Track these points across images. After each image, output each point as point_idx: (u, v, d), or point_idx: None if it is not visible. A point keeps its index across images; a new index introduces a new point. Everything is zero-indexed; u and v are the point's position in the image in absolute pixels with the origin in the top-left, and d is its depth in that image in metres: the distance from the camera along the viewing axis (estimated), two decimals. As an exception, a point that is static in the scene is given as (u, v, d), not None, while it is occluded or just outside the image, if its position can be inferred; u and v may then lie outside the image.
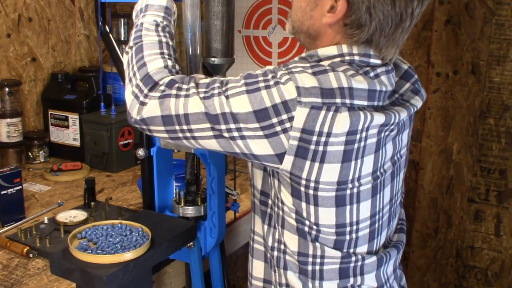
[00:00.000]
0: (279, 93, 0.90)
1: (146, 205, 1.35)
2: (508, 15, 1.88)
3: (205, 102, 0.94)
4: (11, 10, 2.00)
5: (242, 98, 0.92)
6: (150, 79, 0.99)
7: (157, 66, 1.02)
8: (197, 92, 0.95)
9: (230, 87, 0.94)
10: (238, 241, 1.66)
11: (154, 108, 0.97)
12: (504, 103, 1.94)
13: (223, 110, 0.93)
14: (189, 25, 1.19)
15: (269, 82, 0.92)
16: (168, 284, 1.36)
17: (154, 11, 1.11)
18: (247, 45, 2.42)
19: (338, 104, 0.90)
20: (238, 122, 0.92)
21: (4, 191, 1.47)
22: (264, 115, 0.90)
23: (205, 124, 0.95)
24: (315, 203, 0.97)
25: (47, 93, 2.13)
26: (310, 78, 0.90)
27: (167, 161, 1.33)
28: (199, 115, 0.94)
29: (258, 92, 0.91)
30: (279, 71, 0.93)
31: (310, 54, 1.01)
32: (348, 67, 0.94)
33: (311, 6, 0.99)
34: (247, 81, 0.93)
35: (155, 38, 1.07)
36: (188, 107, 0.95)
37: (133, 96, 1.00)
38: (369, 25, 0.93)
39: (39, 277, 1.23)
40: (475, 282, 2.09)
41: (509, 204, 1.98)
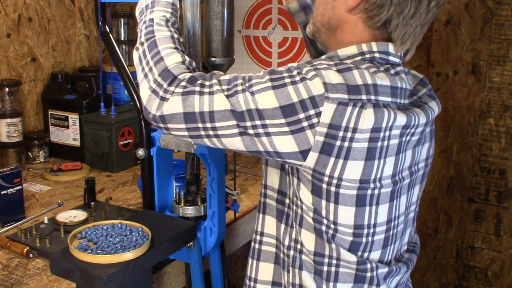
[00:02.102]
0: (306, 88, 0.90)
1: (146, 205, 1.35)
2: (508, 15, 1.88)
3: (230, 99, 0.93)
4: (11, 10, 2.00)
5: (268, 94, 0.91)
6: (169, 73, 0.98)
7: (175, 60, 1.00)
8: (221, 89, 0.94)
9: (254, 83, 0.93)
10: (238, 241, 1.66)
11: (176, 105, 0.95)
12: (504, 103, 1.94)
13: (248, 106, 0.92)
14: (189, 25, 1.19)
15: (295, 78, 0.92)
16: (168, 284, 1.36)
17: (162, 7, 1.11)
18: (247, 45, 2.42)
19: (364, 100, 0.92)
20: (264, 119, 0.92)
21: (4, 191, 1.47)
22: (291, 111, 0.91)
23: (231, 121, 0.93)
24: (336, 201, 0.96)
25: (47, 93, 2.13)
26: (336, 75, 0.91)
27: (167, 161, 1.33)
28: (224, 112, 0.93)
29: (285, 87, 0.91)
30: (304, 67, 0.93)
31: (330, 56, 1.03)
32: (370, 65, 0.97)
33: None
34: (272, 76, 0.93)
35: (167, 33, 1.06)
36: (213, 104, 0.94)
37: (151, 92, 0.98)
38: (389, 4, 0.96)
39: (39, 277, 1.23)
40: (475, 282, 2.09)
41: (509, 204, 1.98)
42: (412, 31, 1.01)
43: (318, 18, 1.07)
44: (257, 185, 1.84)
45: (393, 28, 0.99)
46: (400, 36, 1.00)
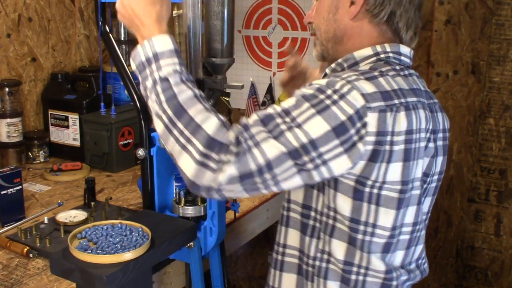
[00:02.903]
0: (349, 104, 0.92)
1: (146, 205, 1.35)
2: (508, 15, 1.88)
3: (279, 141, 0.91)
4: (11, 10, 2.00)
5: (316, 120, 0.91)
6: (215, 141, 0.91)
7: (214, 125, 0.93)
8: (266, 135, 0.91)
9: (296, 115, 0.92)
10: (238, 241, 1.66)
11: (233, 172, 0.90)
12: (504, 103, 1.94)
13: (301, 141, 0.90)
14: (189, 25, 1.19)
15: (333, 96, 0.93)
16: (168, 284, 1.36)
17: (168, 59, 1.01)
18: (247, 45, 2.42)
19: (397, 104, 0.96)
20: (318, 148, 0.91)
21: (4, 191, 1.47)
22: (342, 129, 0.91)
23: (287, 163, 0.91)
24: (377, 203, 0.99)
25: (47, 93, 2.13)
26: (368, 84, 0.95)
27: (167, 161, 1.33)
28: (279, 157, 0.90)
29: (329, 109, 0.91)
30: (335, 83, 0.94)
31: (346, 58, 1.07)
32: (388, 68, 1.02)
33: (333, 12, 1.08)
34: (311, 102, 0.92)
35: (189, 92, 0.98)
36: (266, 154, 0.90)
37: (199, 165, 0.91)
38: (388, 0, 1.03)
39: (39, 277, 1.23)
40: (475, 282, 2.09)
41: (509, 204, 1.98)
42: (412, 15, 1.06)
43: (323, 36, 1.11)
44: (257, 185, 1.84)
45: (399, 18, 1.05)
46: (405, 23, 1.06)
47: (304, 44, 2.28)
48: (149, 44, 1.02)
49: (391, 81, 0.98)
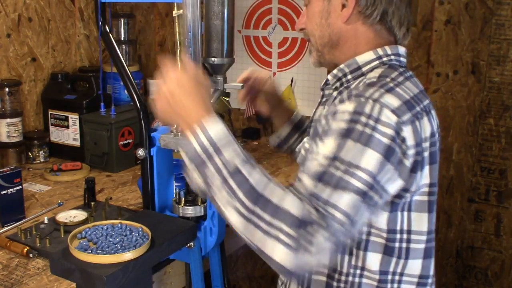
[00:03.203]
0: (386, 125, 0.92)
1: (146, 205, 1.35)
2: (508, 15, 1.88)
3: (348, 191, 0.88)
4: (11, 10, 2.00)
5: (367, 153, 0.90)
6: (302, 222, 0.84)
7: (296, 205, 0.86)
8: (337, 193, 0.88)
9: (346, 157, 0.89)
10: (238, 241, 1.65)
11: (326, 248, 0.85)
12: (504, 103, 1.94)
13: (367, 183, 0.89)
14: (189, 25, 1.19)
15: (369, 123, 0.92)
16: (168, 284, 1.36)
17: (229, 147, 0.91)
18: (247, 45, 2.42)
19: (420, 111, 0.99)
20: (380, 181, 0.91)
21: (4, 191, 1.47)
22: (390, 152, 0.92)
23: (362, 206, 0.89)
24: (410, 209, 1.01)
25: (47, 93, 2.13)
26: (392, 97, 0.96)
27: (167, 161, 1.33)
28: (355, 205, 0.88)
29: (372, 137, 0.91)
30: (364, 107, 0.93)
31: (348, 64, 1.08)
32: (396, 73, 1.03)
33: (325, 17, 1.08)
34: (352, 137, 0.90)
35: (264, 179, 0.90)
36: (346, 211, 0.87)
37: (292, 251, 0.84)
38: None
39: (39, 277, 1.23)
40: (475, 282, 2.09)
41: (509, 204, 1.98)
42: (404, 12, 1.07)
43: (318, 42, 1.11)
44: (257, 185, 1.84)
45: (391, 16, 1.06)
46: (398, 21, 1.07)
47: (304, 44, 2.28)
48: (202, 133, 0.91)
49: (406, 88, 1.00)
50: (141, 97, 1.35)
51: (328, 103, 1.11)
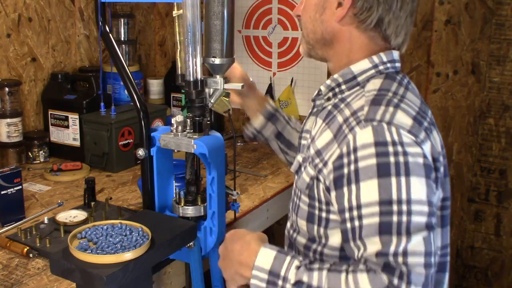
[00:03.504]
0: (410, 145, 0.90)
1: (146, 205, 1.35)
2: (508, 15, 1.88)
3: (414, 233, 0.86)
4: (11, 10, 2.00)
5: (413, 182, 0.88)
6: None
7: (375, 282, 0.85)
8: (403, 241, 0.86)
9: (397, 197, 0.87)
10: (238, 241, 1.65)
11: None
12: (504, 103, 1.94)
13: (425, 212, 0.88)
14: (189, 25, 1.19)
15: (398, 149, 0.89)
16: (168, 284, 1.36)
17: (282, 266, 0.93)
18: (247, 45, 2.42)
19: (427, 125, 0.98)
20: (432, 201, 0.90)
21: (4, 191, 1.47)
22: (429, 169, 0.91)
23: (431, 237, 0.88)
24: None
25: (47, 93, 2.13)
26: (402, 116, 0.94)
27: (167, 161, 1.33)
28: (427, 240, 0.87)
29: (408, 163, 0.88)
30: (384, 134, 0.90)
31: (342, 73, 1.06)
32: (395, 84, 1.01)
33: (320, 12, 1.06)
34: (391, 172, 0.88)
35: (323, 273, 0.90)
36: (424, 249, 0.86)
37: None
38: (377, 4, 1.00)
39: (39, 277, 1.23)
40: (475, 282, 2.09)
41: (509, 204, 1.99)
42: (403, 22, 1.03)
43: (310, 36, 1.09)
44: (257, 185, 1.84)
45: (387, 25, 1.02)
46: (394, 30, 1.03)
47: (304, 44, 2.28)
48: (257, 270, 0.95)
49: (409, 102, 0.98)
50: (141, 97, 1.35)
51: (321, 115, 1.08)
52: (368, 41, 1.04)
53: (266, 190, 1.79)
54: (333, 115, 1.02)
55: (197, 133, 1.24)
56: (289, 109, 2.33)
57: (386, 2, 1.00)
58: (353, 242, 0.91)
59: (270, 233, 2.51)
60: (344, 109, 1.00)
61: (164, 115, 2.19)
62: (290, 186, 1.89)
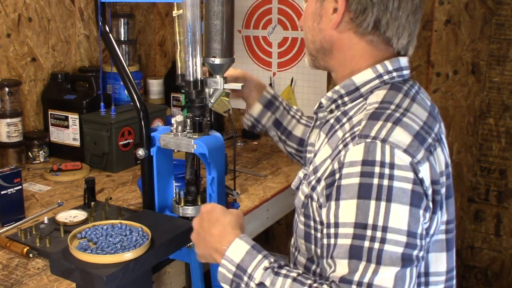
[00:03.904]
0: (402, 168, 0.84)
1: (146, 205, 1.35)
2: (508, 15, 1.88)
3: (386, 264, 0.81)
4: (11, 10, 2.00)
5: (394, 210, 0.82)
6: None
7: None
8: (371, 270, 0.82)
9: (374, 221, 0.82)
10: (238, 241, 1.65)
11: None
12: (504, 103, 1.94)
13: (402, 243, 0.82)
14: (189, 25, 1.19)
15: (385, 171, 0.83)
16: (168, 284, 1.36)
17: (251, 263, 0.92)
18: (247, 45, 2.42)
19: (432, 142, 0.91)
20: (414, 232, 0.83)
21: (4, 191, 1.47)
22: (417, 197, 0.84)
23: (407, 272, 0.83)
24: (427, 251, 0.93)
25: (47, 93, 2.13)
26: (401, 133, 0.87)
27: (167, 161, 1.33)
28: (401, 277, 0.81)
29: (392, 189, 0.83)
30: (374, 152, 0.84)
31: (344, 85, 1.00)
32: (400, 96, 0.94)
33: (317, 20, 1.01)
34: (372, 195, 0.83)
35: (288, 281, 0.87)
36: (394, 286, 0.81)
37: None
38: (371, 5, 0.94)
39: (39, 277, 1.23)
40: (475, 282, 2.09)
41: (509, 204, 1.99)
42: (404, 22, 0.96)
43: (311, 46, 1.06)
44: (257, 185, 1.84)
45: (385, 27, 0.96)
46: (394, 32, 0.97)
47: (304, 44, 2.28)
48: (227, 260, 0.94)
49: (414, 116, 0.91)
50: (141, 97, 1.35)
51: (324, 129, 1.03)
52: (369, 47, 0.98)
53: (266, 190, 1.79)
54: (335, 129, 0.98)
55: (197, 133, 1.24)
56: (289, 109, 2.33)
57: (382, 2, 0.94)
58: (326, 259, 0.88)
59: (270, 233, 2.51)
60: (345, 124, 0.96)
61: (164, 115, 2.19)
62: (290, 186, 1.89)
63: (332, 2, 0.98)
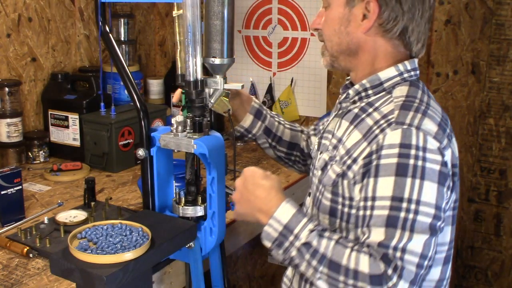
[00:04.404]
0: (432, 152, 0.97)
1: (146, 205, 1.35)
2: (508, 15, 1.88)
3: (417, 231, 0.95)
4: (11, 10, 2.00)
5: (426, 186, 0.95)
6: (376, 277, 0.93)
7: (366, 263, 0.94)
8: (405, 235, 0.94)
9: (409, 195, 0.95)
10: (238, 241, 1.66)
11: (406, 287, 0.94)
12: (504, 103, 1.94)
13: (431, 214, 0.95)
14: (189, 25, 1.19)
15: (419, 153, 0.96)
16: (168, 284, 1.36)
17: (298, 224, 1.01)
18: (247, 45, 2.42)
19: (449, 132, 1.06)
20: (440, 206, 0.97)
21: (4, 191, 1.47)
22: (443, 177, 0.98)
23: (433, 240, 0.96)
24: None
25: (47, 93, 2.13)
26: (429, 122, 1.01)
27: (167, 161, 1.33)
28: (427, 243, 0.95)
29: (425, 169, 0.96)
30: (410, 137, 0.97)
31: (371, 80, 1.11)
32: (419, 92, 1.08)
33: (345, 25, 1.10)
34: (408, 173, 0.95)
35: (331, 243, 0.98)
36: (418, 252, 0.94)
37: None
38: (401, 14, 1.06)
39: (39, 277, 1.23)
40: (475, 282, 2.09)
41: (509, 204, 1.99)
42: (423, 29, 1.10)
43: (335, 48, 1.14)
44: (257, 185, 1.84)
45: (411, 33, 1.08)
46: (416, 38, 1.09)
47: (304, 44, 2.28)
48: (275, 220, 1.03)
49: (434, 110, 1.06)
50: (141, 97, 1.34)
51: (346, 118, 1.14)
52: (392, 49, 1.10)
53: (266, 190, 1.79)
54: (361, 117, 1.09)
55: (197, 133, 1.24)
56: (289, 109, 2.33)
57: (410, 11, 1.05)
58: (360, 228, 0.99)
59: (270, 233, 2.50)
60: (373, 113, 1.07)
61: (164, 115, 2.19)
62: (290, 186, 1.89)
63: (362, 9, 1.07)
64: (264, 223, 1.04)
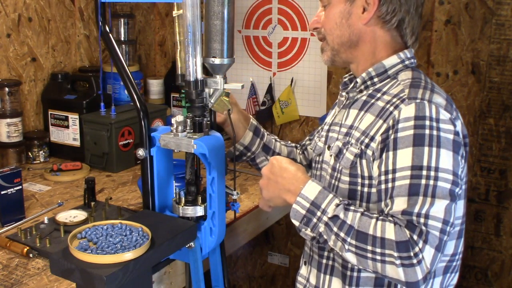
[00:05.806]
0: (445, 122, 1.05)
1: (146, 205, 1.35)
2: (508, 15, 1.88)
3: (439, 197, 1.00)
4: (11, 10, 2.00)
5: (443, 154, 1.02)
6: (403, 243, 0.96)
7: (392, 231, 0.98)
8: (428, 202, 1.00)
9: (428, 163, 1.01)
10: (238, 241, 1.66)
11: (432, 253, 0.97)
12: (504, 103, 1.94)
13: (450, 180, 1.01)
14: (189, 25, 1.19)
15: (433, 124, 1.03)
16: (168, 284, 1.37)
17: (325, 200, 1.05)
18: (247, 45, 2.42)
19: (455, 108, 1.13)
20: (457, 173, 1.03)
21: (4, 191, 1.47)
22: (457, 145, 1.05)
23: (452, 205, 1.01)
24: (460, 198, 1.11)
25: (47, 93, 2.13)
26: (439, 97, 1.09)
27: (167, 161, 1.33)
28: (448, 209, 1.00)
29: (440, 138, 1.03)
30: (424, 109, 1.05)
31: (376, 67, 1.19)
32: (423, 76, 1.17)
33: (346, 17, 1.18)
34: (425, 142, 1.02)
35: (357, 215, 1.02)
36: (441, 217, 0.99)
37: (406, 268, 0.96)
38: (399, 6, 1.15)
39: (39, 277, 1.23)
40: (475, 282, 2.09)
41: (509, 204, 1.98)
42: (416, 23, 1.19)
43: (336, 41, 1.21)
44: (257, 185, 1.84)
45: (407, 25, 1.18)
46: (411, 30, 1.19)
47: (304, 44, 2.28)
48: (302, 197, 1.07)
49: (439, 89, 1.14)
50: (141, 97, 1.34)
51: (354, 107, 1.20)
52: (390, 40, 1.19)
53: (266, 190, 1.79)
54: (371, 102, 1.17)
55: (197, 133, 1.24)
56: (289, 109, 2.33)
57: (406, 3, 1.15)
58: (383, 201, 1.05)
59: (270, 233, 2.51)
60: (382, 96, 1.15)
61: (164, 115, 2.19)
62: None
63: (362, 2, 1.16)
64: (292, 203, 1.08)
